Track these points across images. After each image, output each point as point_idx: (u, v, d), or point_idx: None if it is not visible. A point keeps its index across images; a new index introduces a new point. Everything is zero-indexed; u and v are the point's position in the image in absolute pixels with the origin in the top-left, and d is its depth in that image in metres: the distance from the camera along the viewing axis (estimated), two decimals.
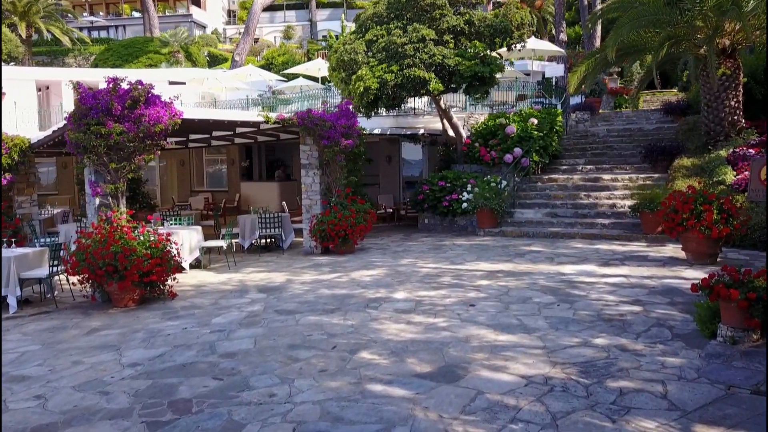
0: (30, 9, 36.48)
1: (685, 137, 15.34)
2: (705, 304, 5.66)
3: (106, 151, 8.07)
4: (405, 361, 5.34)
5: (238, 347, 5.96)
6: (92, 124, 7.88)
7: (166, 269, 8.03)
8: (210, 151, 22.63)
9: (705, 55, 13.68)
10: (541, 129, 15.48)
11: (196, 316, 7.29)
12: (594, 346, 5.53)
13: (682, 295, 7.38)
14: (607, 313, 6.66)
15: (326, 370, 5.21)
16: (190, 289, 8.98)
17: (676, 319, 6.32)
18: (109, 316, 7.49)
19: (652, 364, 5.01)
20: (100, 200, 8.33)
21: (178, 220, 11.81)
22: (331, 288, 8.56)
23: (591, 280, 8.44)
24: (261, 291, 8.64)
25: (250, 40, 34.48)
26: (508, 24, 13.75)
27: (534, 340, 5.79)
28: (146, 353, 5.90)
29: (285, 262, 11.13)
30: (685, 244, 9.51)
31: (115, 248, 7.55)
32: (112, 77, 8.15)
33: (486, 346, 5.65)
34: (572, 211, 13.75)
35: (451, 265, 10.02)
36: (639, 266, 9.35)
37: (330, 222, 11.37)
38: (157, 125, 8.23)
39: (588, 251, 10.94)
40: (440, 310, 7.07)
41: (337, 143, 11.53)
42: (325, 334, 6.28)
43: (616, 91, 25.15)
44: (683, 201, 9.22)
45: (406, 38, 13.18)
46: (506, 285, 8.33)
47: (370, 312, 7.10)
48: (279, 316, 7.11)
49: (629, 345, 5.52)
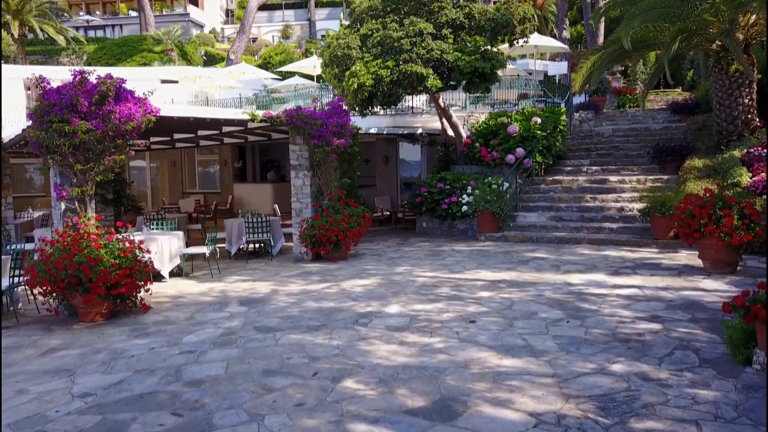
0: (23, 7, 35.83)
1: (695, 137, 14.65)
2: (738, 326, 4.96)
3: (72, 151, 7.37)
4: (395, 393, 4.63)
5: (207, 373, 5.26)
6: (55, 121, 7.19)
7: (136, 280, 7.33)
8: (202, 152, 21.94)
9: (717, 51, 13.01)
10: (544, 128, 14.78)
11: (167, 333, 6.59)
12: (612, 374, 4.82)
13: (703, 309, 6.68)
14: (623, 331, 5.95)
15: (304, 403, 4.50)
16: (166, 301, 8.28)
17: (701, 339, 5.61)
18: (72, 333, 6.79)
19: (681, 398, 4.31)
20: (66, 205, 7.64)
21: (159, 224, 11.10)
22: (318, 300, 7.86)
23: (602, 292, 7.74)
24: (242, 303, 7.94)
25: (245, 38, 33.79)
26: (510, 18, 13.04)
27: (542, 366, 5.08)
28: (103, 380, 5.20)
29: (272, 270, 10.43)
30: (703, 251, 8.81)
31: (79, 258, 6.85)
32: (79, 70, 7.46)
33: (488, 374, 4.95)
34: (578, 215, 13.05)
35: (449, 274, 9.32)
36: (652, 275, 8.65)
37: (321, 227, 10.67)
38: (128, 123, 7.54)
39: (596, 258, 10.24)
40: (437, 327, 6.37)
41: (328, 143, 10.84)
42: (306, 356, 5.58)
43: (620, 90, 24.46)
44: (701, 205, 8.52)
45: (403, 32, 12.48)
46: (509, 297, 7.63)
47: (359, 330, 6.39)
48: (258, 334, 6.41)
49: (652, 373, 4.82)
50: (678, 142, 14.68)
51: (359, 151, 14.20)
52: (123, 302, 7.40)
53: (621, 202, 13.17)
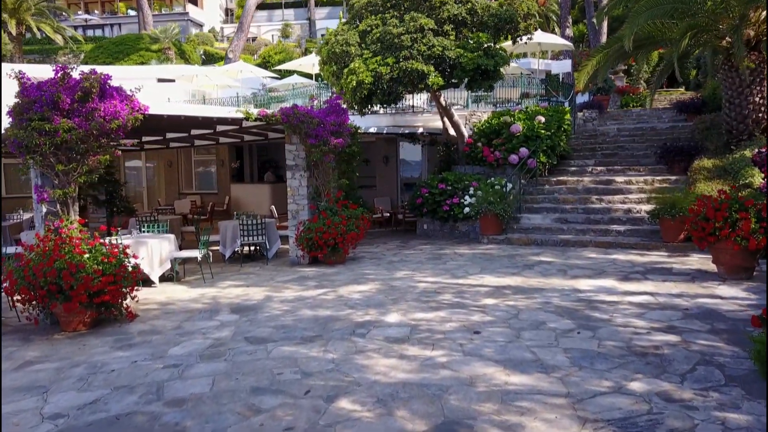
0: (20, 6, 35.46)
1: (703, 136, 14.22)
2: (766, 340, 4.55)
3: (53, 151, 6.97)
4: (394, 415, 4.24)
5: (191, 390, 4.86)
6: (35, 119, 6.79)
7: (121, 287, 6.93)
8: (199, 152, 21.55)
9: (727, 47, 12.61)
10: (548, 127, 14.37)
11: (153, 345, 6.19)
12: (631, 394, 4.42)
13: (722, 319, 6.28)
14: (639, 344, 5.55)
15: (293, 428, 4.11)
16: (154, 308, 7.89)
17: (724, 353, 5.21)
18: (52, 344, 6.39)
19: (710, 423, 3.91)
20: (47, 207, 7.24)
21: (151, 227, 10.70)
22: (314, 308, 7.46)
23: (612, 299, 7.34)
24: (234, 311, 7.54)
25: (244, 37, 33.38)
26: (514, 13, 12.63)
27: (554, 384, 4.69)
28: (78, 398, 4.80)
29: (267, 275, 10.03)
30: (717, 255, 8.41)
31: (59, 264, 6.45)
32: (61, 65, 7.06)
33: (495, 392, 4.56)
34: (584, 217, 12.64)
35: (452, 279, 8.92)
36: (664, 281, 8.25)
37: (318, 229, 10.27)
38: (113, 121, 7.14)
39: (604, 262, 9.84)
40: (439, 338, 5.97)
41: (325, 142, 10.44)
42: (298, 372, 5.18)
43: (623, 89, 24.08)
44: (716, 207, 8.12)
45: (403, 28, 12.07)
46: (515, 305, 7.23)
47: (356, 341, 6.00)
48: (248, 345, 6.01)
49: (675, 392, 4.42)
50: (685, 141, 14.28)
51: (358, 151, 13.81)
52: (107, 311, 6.99)
53: (628, 203, 12.78)
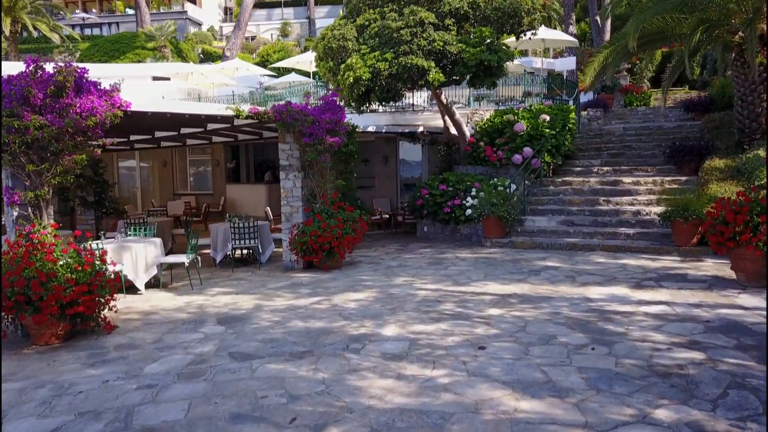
0: (15, 4, 35.01)
1: (713, 136, 13.73)
2: None
3: (24, 150, 6.47)
4: None
5: (164, 417, 4.35)
6: (3, 115, 6.29)
7: (97, 297, 6.43)
8: (194, 152, 21.06)
9: (739, 43, 12.10)
10: (553, 126, 13.87)
11: (128, 361, 5.68)
12: (658, 424, 3.91)
13: (748, 333, 5.77)
14: (661, 363, 5.04)
15: None
16: (136, 318, 7.38)
17: (755, 374, 4.70)
18: (19, 360, 5.89)
19: None
20: (18, 211, 6.74)
21: (137, 230, 10.20)
22: (305, 319, 6.95)
23: (626, 309, 6.83)
24: (220, 322, 7.04)
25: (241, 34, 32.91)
26: (518, 7, 12.12)
27: (570, 411, 4.18)
28: (36, 426, 4.30)
29: (259, 281, 9.53)
30: (737, 262, 7.89)
31: (28, 272, 5.96)
32: (33, 58, 6.56)
33: (504, 422, 4.05)
34: (591, 219, 12.13)
35: (454, 286, 8.41)
36: (680, 289, 7.73)
37: (312, 233, 9.77)
38: (89, 118, 6.64)
39: (613, 268, 9.34)
40: (440, 355, 5.46)
41: (321, 141, 9.94)
42: (285, 394, 4.67)
43: (626, 88, 23.56)
44: (735, 211, 7.61)
45: (402, 22, 11.57)
46: (522, 316, 6.72)
47: (350, 358, 5.49)
48: (232, 362, 5.51)
49: (707, 423, 3.91)
50: (695, 141, 13.78)
51: (356, 151, 13.30)
52: (83, 322, 6.50)
53: (637, 205, 12.27)
